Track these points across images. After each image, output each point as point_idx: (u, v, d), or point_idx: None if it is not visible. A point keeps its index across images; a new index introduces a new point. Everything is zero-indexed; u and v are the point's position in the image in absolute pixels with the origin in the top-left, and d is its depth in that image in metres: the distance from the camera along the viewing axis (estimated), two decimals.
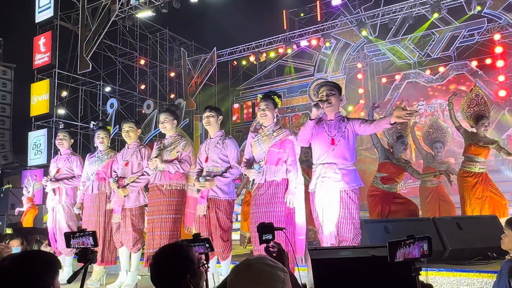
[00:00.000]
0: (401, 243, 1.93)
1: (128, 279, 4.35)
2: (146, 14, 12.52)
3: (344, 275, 2.30)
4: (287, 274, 1.32)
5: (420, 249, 1.91)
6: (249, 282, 1.27)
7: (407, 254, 1.91)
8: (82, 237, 2.27)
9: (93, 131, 5.42)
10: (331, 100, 3.45)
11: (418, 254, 1.92)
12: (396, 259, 1.92)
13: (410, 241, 1.92)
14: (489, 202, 5.20)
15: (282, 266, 1.34)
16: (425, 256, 1.93)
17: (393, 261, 1.93)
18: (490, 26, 12.51)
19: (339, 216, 3.34)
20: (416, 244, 1.92)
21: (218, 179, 3.88)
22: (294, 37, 14.10)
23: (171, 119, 4.29)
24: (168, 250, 1.70)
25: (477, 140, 5.37)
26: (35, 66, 12.72)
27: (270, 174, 3.66)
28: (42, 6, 12.80)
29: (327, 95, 3.48)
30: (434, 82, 13.40)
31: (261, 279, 1.27)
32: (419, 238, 1.92)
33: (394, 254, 1.92)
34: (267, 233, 1.92)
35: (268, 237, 1.94)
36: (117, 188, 4.35)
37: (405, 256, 1.91)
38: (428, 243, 1.92)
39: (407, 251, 1.92)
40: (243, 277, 1.30)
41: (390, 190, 4.92)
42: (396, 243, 1.94)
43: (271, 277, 1.27)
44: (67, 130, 5.63)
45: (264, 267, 1.29)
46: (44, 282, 1.54)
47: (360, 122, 3.45)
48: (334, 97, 3.50)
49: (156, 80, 15.57)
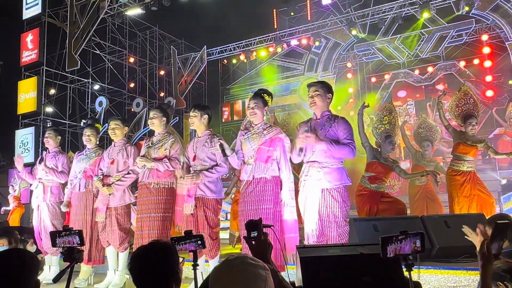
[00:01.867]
0: (393, 238, 1.92)
1: (116, 278, 4.32)
2: (136, 12, 12.42)
3: (333, 273, 2.30)
4: (268, 272, 1.30)
5: (412, 245, 1.91)
6: (230, 281, 1.26)
7: (398, 250, 1.91)
8: (68, 236, 2.24)
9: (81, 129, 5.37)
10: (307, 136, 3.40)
11: (409, 250, 1.92)
12: (387, 255, 1.91)
13: (402, 236, 1.92)
14: (476, 201, 5.26)
15: (263, 264, 1.33)
16: (417, 252, 1.93)
17: (385, 257, 1.92)
18: (478, 27, 12.66)
19: (320, 214, 3.36)
20: (408, 240, 1.91)
21: (204, 173, 3.86)
22: (284, 36, 14.12)
23: (160, 116, 4.26)
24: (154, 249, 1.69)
25: (466, 139, 5.42)
26: (22, 63, 12.54)
27: (259, 171, 3.65)
28: (29, 2, 12.63)
29: (311, 96, 3.51)
30: (423, 81, 13.53)
31: (242, 278, 1.25)
32: (412, 234, 1.92)
33: (385, 250, 1.92)
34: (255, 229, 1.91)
35: (256, 234, 1.92)
36: (101, 186, 4.31)
37: (396, 252, 1.91)
38: (421, 239, 1.92)
39: (397, 247, 1.91)
40: (224, 277, 1.28)
41: (378, 190, 4.94)
42: (388, 239, 1.93)
43: (253, 276, 1.26)
44: (53, 128, 5.56)
45: (245, 266, 1.28)
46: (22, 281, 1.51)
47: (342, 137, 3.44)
48: (319, 97, 3.51)
49: (145, 79, 15.46)
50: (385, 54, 13.87)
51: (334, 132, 3.44)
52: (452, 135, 5.68)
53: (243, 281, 1.24)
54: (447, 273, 3.42)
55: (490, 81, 12.08)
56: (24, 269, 1.55)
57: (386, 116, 5.51)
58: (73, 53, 12.13)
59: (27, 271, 1.56)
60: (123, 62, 14.99)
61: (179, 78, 15.19)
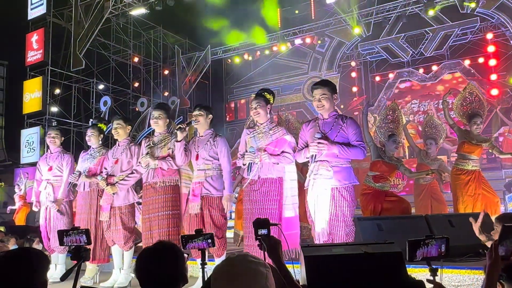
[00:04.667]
0: (421, 242, 1.93)
1: (122, 277, 4.34)
2: (140, 12, 12.45)
3: (337, 272, 2.31)
4: (269, 269, 1.33)
5: (438, 249, 1.92)
6: (232, 280, 1.28)
7: (425, 254, 1.92)
8: (75, 235, 2.27)
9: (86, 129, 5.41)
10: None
11: (436, 254, 1.93)
12: (415, 258, 1.92)
13: (429, 240, 1.92)
14: (481, 200, 5.24)
15: (264, 261, 1.36)
16: (442, 256, 1.94)
17: (412, 260, 1.93)
18: (483, 25, 12.59)
19: (330, 213, 3.35)
20: (435, 244, 1.92)
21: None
22: (288, 35, 14.11)
23: (165, 116, 4.27)
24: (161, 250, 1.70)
25: (470, 138, 5.41)
26: (27, 63, 12.61)
27: (265, 171, 3.67)
28: (34, 3, 12.69)
29: (319, 99, 3.47)
30: (427, 80, 13.48)
31: (244, 276, 1.28)
32: (438, 238, 1.93)
33: (413, 254, 1.92)
34: (263, 228, 1.97)
35: (264, 232, 1.99)
36: (105, 185, 4.33)
37: (424, 255, 1.92)
38: (446, 243, 1.92)
39: (425, 251, 1.93)
40: (226, 275, 1.31)
41: (382, 189, 4.95)
42: (416, 242, 1.93)
43: (254, 273, 1.29)
44: (58, 128, 5.62)
45: (246, 264, 1.31)
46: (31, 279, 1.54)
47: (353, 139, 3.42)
48: (327, 100, 3.48)
49: (150, 78, 15.50)
50: (389, 52, 13.83)
51: (344, 134, 3.42)
52: (457, 134, 5.67)
53: (244, 278, 1.27)
54: (451, 272, 3.42)
55: (495, 80, 12.03)
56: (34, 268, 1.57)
57: (390, 114, 5.52)
58: (77, 53, 12.19)
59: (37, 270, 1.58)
60: (127, 62, 15.04)
61: (183, 78, 15.21)
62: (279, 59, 15.28)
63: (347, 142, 3.41)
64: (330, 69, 14.46)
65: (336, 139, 3.38)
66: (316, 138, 3.32)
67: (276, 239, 1.93)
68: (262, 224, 2.00)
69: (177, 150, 3.97)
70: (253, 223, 2.02)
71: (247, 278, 1.27)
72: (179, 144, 3.93)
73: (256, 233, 1.98)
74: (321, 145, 3.29)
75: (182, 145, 3.94)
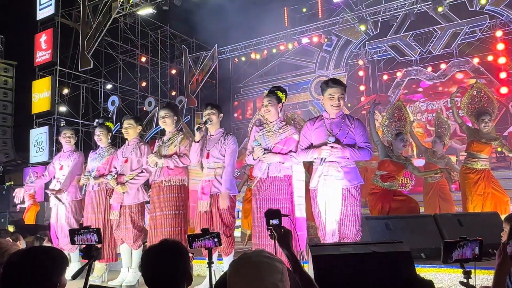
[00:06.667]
0: (457, 244, 1.92)
1: (130, 275, 4.37)
2: (147, 11, 12.51)
3: (345, 271, 2.31)
4: (285, 265, 1.36)
5: (472, 251, 1.91)
6: (249, 275, 1.31)
7: (460, 255, 1.92)
8: (86, 234, 2.28)
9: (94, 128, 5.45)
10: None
11: (470, 255, 1.93)
12: (450, 260, 1.92)
13: (463, 242, 1.92)
14: (491, 199, 5.20)
15: (280, 258, 1.39)
16: (475, 259, 1.94)
17: (446, 261, 1.93)
18: (492, 23, 12.47)
19: (341, 213, 3.35)
20: (469, 246, 1.92)
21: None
22: (295, 34, 14.08)
23: (172, 115, 4.30)
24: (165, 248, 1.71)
25: (480, 136, 5.36)
26: (36, 63, 12.72)
27: (274, 170, 3.66)
28: (43, 3, 12.79)
29: (338, 99, 3.44)
30: (435, 79, 13.39)
31: (260, 271, 1.30)
32: (472, 240, 1.92)
33: (448, 255, 1.92)
34: (274, 218, 2.02)
35: (275, 222, 2.03)
36: (115, 184, 4.37)
37: (459, 257, 1.92)
38: (480, 246, 1.92)
39: (460, 252, 1.92)
40: (243, 270, 1.33)
41: (390, 188, 4.93)
42: (452, 244, 1.93)
43: (270, 268, 1.31)
44: (73, 128, 5.67)
45: (262, 260, 1.33)
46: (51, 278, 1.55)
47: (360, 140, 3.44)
48: (343, 101, 3.50)
49: (157, 78, 15.56)
50: (397, 51, 13.75)
51: (352, 135, 3.44)
52: (466, 132, 5.63)
53: (260, 272, 1.30)
54: (460, 272, 3.38)
55: (504, 78, 11.92)
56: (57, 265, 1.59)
57: (396, 113, 5.49)
58: (85, 53, 12.27)
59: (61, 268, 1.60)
60: (135, 62, 15.11)
61: (190, 77, 15.25)
62: (286, 58, 15.26)
63: (355, 143, 3.44)
64: (337, 68, 14.42)
65: (345, 141, 3.39)
66: (330, 142, 3.32)
67: (286, 229, 1.96)
68: (274, 214, 2.05)
69: (194, 150, 3.96)
70: (265, 213, 2.07)
71: (262, 272, 1.30)
72: (197, 144, 3.93)
73: (267, 223, 2.03)
74: (335, 150, 3.30)
75: (199, 145, 3.94)
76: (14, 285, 1.51)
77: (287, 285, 1.33)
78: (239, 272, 1.33)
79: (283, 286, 1.30)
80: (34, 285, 1.51)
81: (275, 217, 2.03)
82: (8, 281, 1.51)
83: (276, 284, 1.28)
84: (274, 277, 1.29)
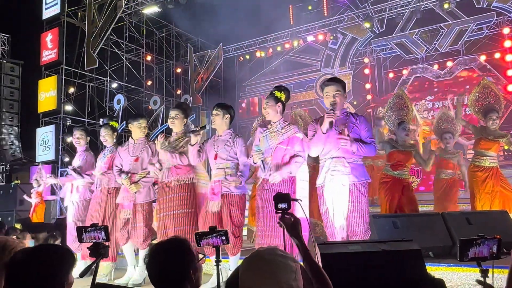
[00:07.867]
0: (473, 242, 1.90)
1: (136, 274, 4.38)
2: (153, 10, 12.52)
3: (353, 269, 2.29)
4: (298, 264, 1.35)
5: (490, 249, 1.89)
6: (261, 272, 1.29)
7: (477, 253, 1.89)
8: (94, 232, 2.28)
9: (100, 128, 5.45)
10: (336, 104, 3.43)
11: (487, 254, 1.90)
12: (466, 258, 1.89)
13: (481, 240, 1.89)
14: (499, 197, 5.16)
15: (293, 256, 1.37)
16: (493, 258, 1.91)
17: (462, 259, 1.91)
18: (499, 20, 12.36)
19: (348, 209, 3.33)
20: (486, 244, 1.89)
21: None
22: (301, 32, 14.04)
23: (182, 116, 4.29)
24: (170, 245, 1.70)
25: (487, 134, 5.32)
26: (42, 62, 12.76)
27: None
28: (49, 2, 12.83)
29: (334, 96, 3.46)
30: (442, 77, 13.29)
31: (273, 269, 1.29)
32: (490, 238, 1.90)
33: (465, 252, 1.90)
34: (283, 202, 1.99)
35: (284, 206, 2.00)
36: (129, 184, 4.35)
37: (476, 255, 1.89)
38: (498, 244, 1.89)
39: (477, 250, 1.90)
40: (256, 268, 1.32)
41: (401, 177, 5.06)
42: (468, 241, 1.91)
43: (283, 266, 1.30)
44: (83, 128, 5.63)
45: (275, 257, 1.32)
46: (57, 276, 1.54)
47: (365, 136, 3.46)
48: (341, 97, 3.50)
49: (162, 76, 15.57)
50: (403, 49, 13.67)
51: (357, 130, 3.46)
52: (473, 131, 5.59)
53: (273, 269, 1.28)
54: (469, 270, 3.37)
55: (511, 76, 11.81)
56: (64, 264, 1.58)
57: (397, 102, 5.48)
58: (91, 52, 12.30)
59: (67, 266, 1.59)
60: (140, 60, 15.12)
61: (195, 76, 15.25)
62: (292, 56, 15.21)
63: (359, 138, 3.44)
64: (343, 66, 14.36)
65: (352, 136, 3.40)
66: (328, 109, 3.39)
67: (296, 217, 1.95)
68: (283, 198, 2.02)
69: (190, 153, 3.99)
70: (273, 197, 2.05)
71: (275, 270, 1.29)
72: (191, 148, 3.96)
73: (276, 206, 2.01)
74: (344, 141, 3.31)
75: (195, 148, 3.96)
76: (20, 284, 1.49)
77: (300, 284, 1.32)
78: (252, 270, 1.32)
79: (296, 286, 1.29)
80: (41, 283, 1.50)
81: (284, 201, 2.00)
82: (13, 280, 1.50)
83: (290, 283, 1.27)
84: (288, 276, 1.28)
